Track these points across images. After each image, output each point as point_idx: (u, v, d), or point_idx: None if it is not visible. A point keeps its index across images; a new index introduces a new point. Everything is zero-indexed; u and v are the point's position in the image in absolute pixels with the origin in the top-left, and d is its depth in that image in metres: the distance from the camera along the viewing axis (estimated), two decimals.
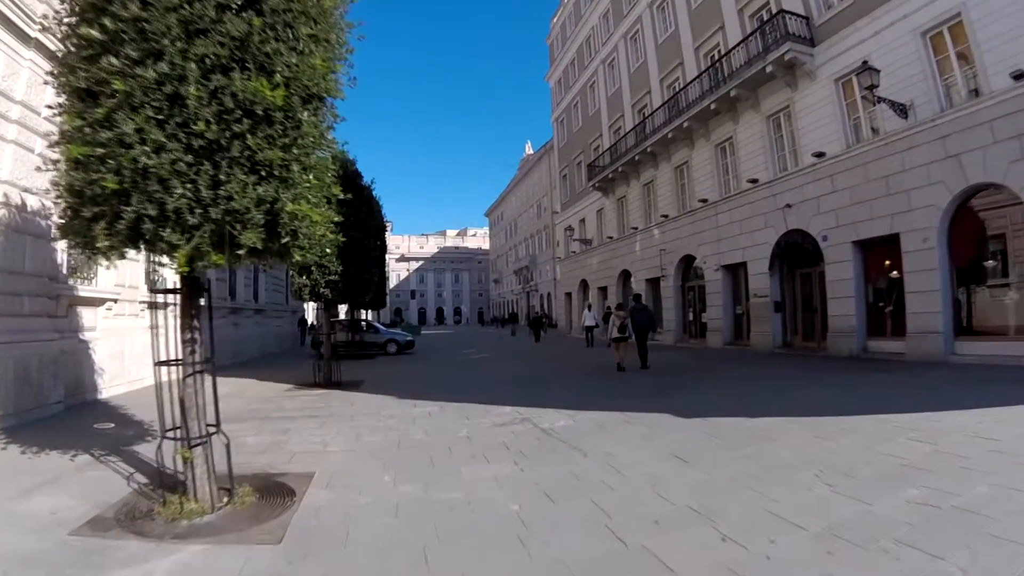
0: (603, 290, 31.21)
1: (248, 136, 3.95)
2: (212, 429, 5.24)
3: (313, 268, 12.55)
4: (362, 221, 13.04)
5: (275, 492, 5.40)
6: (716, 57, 20.37)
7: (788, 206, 16.96)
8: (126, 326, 12.41)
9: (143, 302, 13.70)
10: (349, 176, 13.09)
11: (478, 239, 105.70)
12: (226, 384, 13.49)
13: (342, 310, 29.47)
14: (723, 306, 20.36)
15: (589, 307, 28.52)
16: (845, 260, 15.12)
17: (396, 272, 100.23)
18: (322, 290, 12.57)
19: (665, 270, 24.03)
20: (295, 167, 4.20)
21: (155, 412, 5.01)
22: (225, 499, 5.13)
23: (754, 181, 18.47)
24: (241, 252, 4.21)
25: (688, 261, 23.04)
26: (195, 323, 5.17)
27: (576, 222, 35.92)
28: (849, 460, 5.49)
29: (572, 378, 13.60)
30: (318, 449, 6.98)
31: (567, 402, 9.61)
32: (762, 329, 18.20)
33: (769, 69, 16.93)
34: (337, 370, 13.43)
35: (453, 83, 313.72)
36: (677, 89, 22.71)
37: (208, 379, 5.19)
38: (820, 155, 15.80)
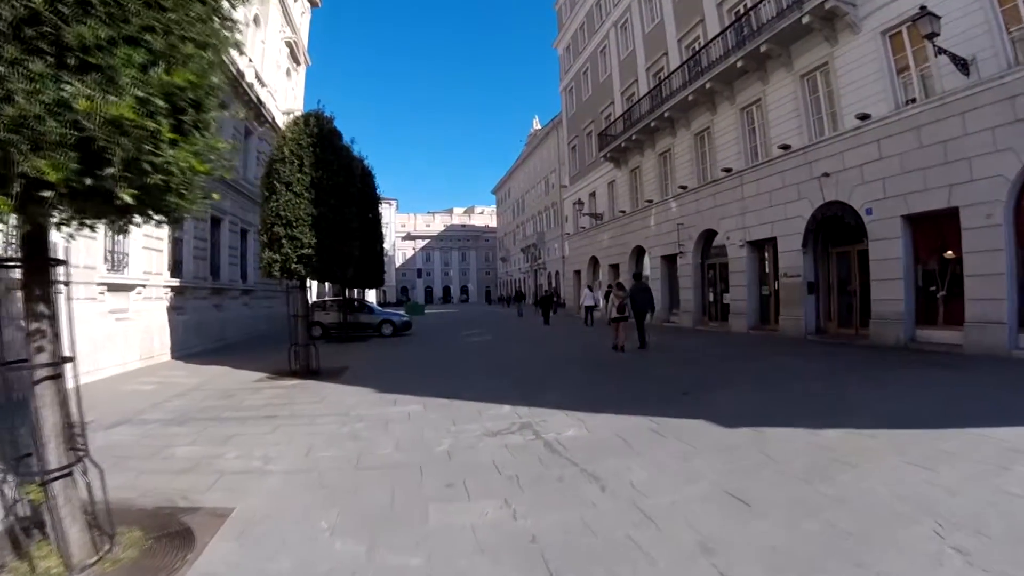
0: (615, 267, 29.33)
1: None
2: (80, 453, 3.70)
3: (284, 241, 11.00)
4: (340, 186, 11.40)
5: (171, 541, 3.90)
6: (742, 11, 18.37)
7: (826, 175, 15.13)
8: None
9: (101, 283, 12.20)
10: (324, 135, 11.53)
11: (485, 217, 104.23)
12: (196, 373, 12.29)
13: (337, 290, 27.97)
14: (748, 286, 18.58)
15: (590, 287, 28.88)
16: (893, 237, 13.32)
17: (402, 251, 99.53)
18: (294, 266, 10.94)
19: (683, 246, 22.17)
20: (123, 52, 2.52)
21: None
22: (108, 546, 3.61)
23: (786, 147, 16.61)
24: (48, 195, 2.56)
25: (709, 237, 21.18)
26: (44, 309, 3.50)
27: (586, 196, 33.96)
28: (968, 503, 3.91)
29: (585, 368, 11.89)
30: (255, 468, 5.40)
31: (579, 401, 8.02)
32: (793, 313, 16.47)
33: (805, 20, 15.01)
34: (316, 357, 11.87)
35: (462, 59, 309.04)
36: (697, 49, 20.70)
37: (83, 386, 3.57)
38: (864, 117, 13.94)
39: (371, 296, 65.54)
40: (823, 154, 15.36)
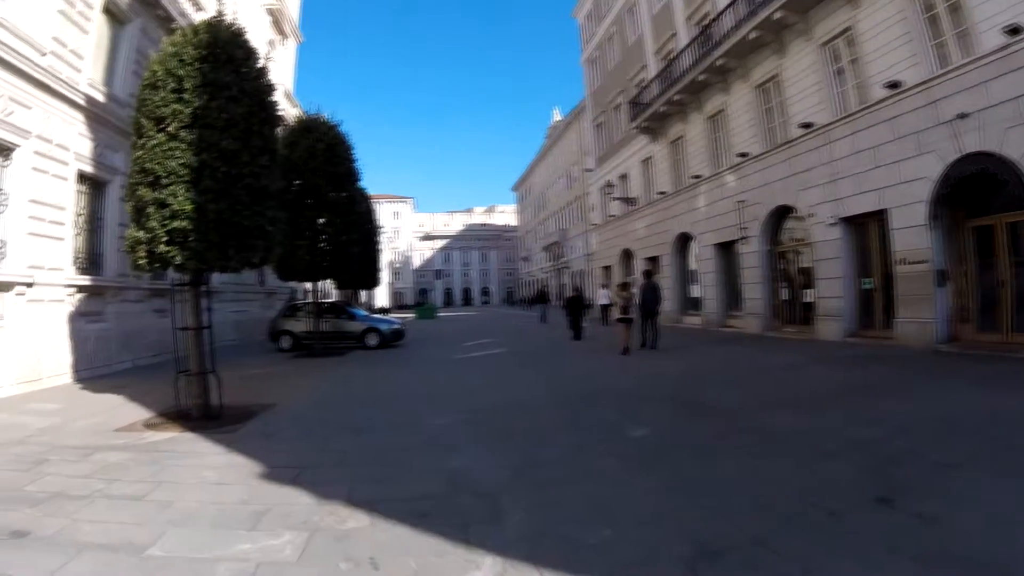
0: (653, 260, 24.61)
1: None
2: None
3: (151, 210, 6.88)
4: (243, 119, 7.22)
5: None
6: None
7: (962, 116, 10.61)
8: None
9: None
10: (220, 46, 7.40)
11: (506, 215, 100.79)
12: (71, 408, 8.56)
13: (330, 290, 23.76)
14: (843, 279, 13.86)
15: (604, 285, 28.32)
16: None
17: (420, 251, 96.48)
18: (161, 248, 6.78)
19: (746, 230, 17.42)
20: None
21: None
22: None
23: (895, 86, 12.04)
24: None
25: (781, 215, 16.52)
26: None
27: (616, 178, 29.29)
28: None
29: (645, 419, 7.05)
30: None
31: (655, 532, 3.70)
32: (916, 314, 11.80)
33: None
34: (218, 391, 7.72)
35: (479, 56, 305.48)
36: None
37: None
38: (1016, 32, 9.47)
39: (382, 298, 61.91)
40: (953, 88, 10.85)
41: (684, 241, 22.40)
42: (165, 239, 6.77)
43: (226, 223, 6.95)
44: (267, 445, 6.24)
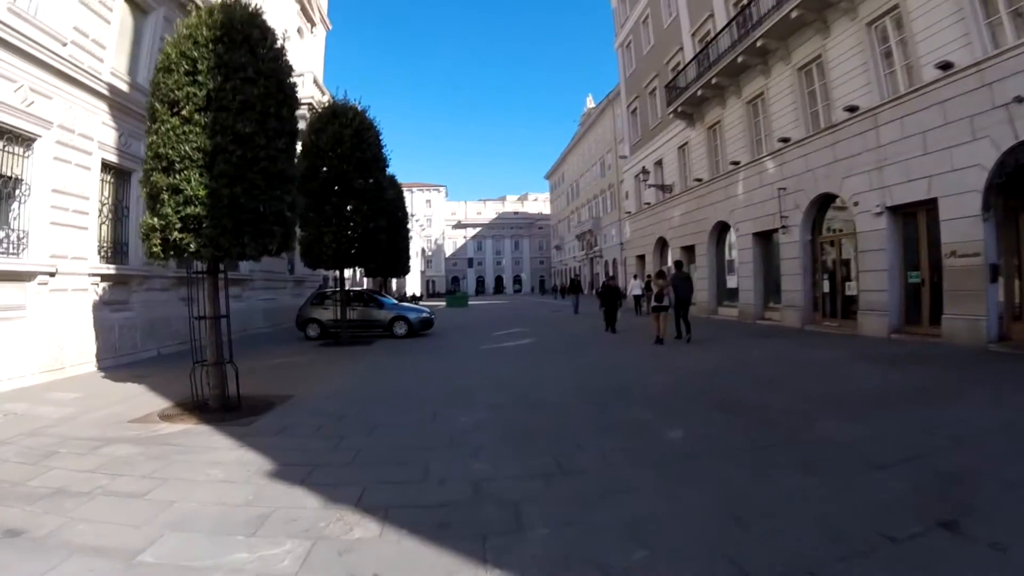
0: (688, 249, 24.04)
1: None
2: None
3: (165, 196, 6.71)
4: (260, 100, 7.00)
5: None
6: None
7: (1019, 100, 9.89)
8: None
9: None
10: (235, 27, 7.17)
11: (539, 204, 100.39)
12: (90, 397, 8.47)
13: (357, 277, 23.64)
14: (889, 271, 13.11)
15: (636, 276, 28.61)
16: None
17: (452, 239, 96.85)
18: (175, 235, 6.61)
19: (786, 218, 16.70)
20: None
21: None
22: None
23: (946, 67, 11.33)
24: None
25: (823, 203, 15.78)
26: None
27: (651, 164, 28.55)
28: None
29: (678, 420, 6.63)
30: None
31: (700, 549, 3.35)
32: (966, 310, 11.10)
33: None
34: (235, 382, 7.58)
35: (513, 40, 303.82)
36: None
37: None
38: None
39: (414, 285, 62.05)
40: (1009, 70, 10.11)
41: (721, 230, 21.69)
42: (179, 226, 6.60)
43: (241, 208, 6.74)
44: (280, 440, 6.05)
